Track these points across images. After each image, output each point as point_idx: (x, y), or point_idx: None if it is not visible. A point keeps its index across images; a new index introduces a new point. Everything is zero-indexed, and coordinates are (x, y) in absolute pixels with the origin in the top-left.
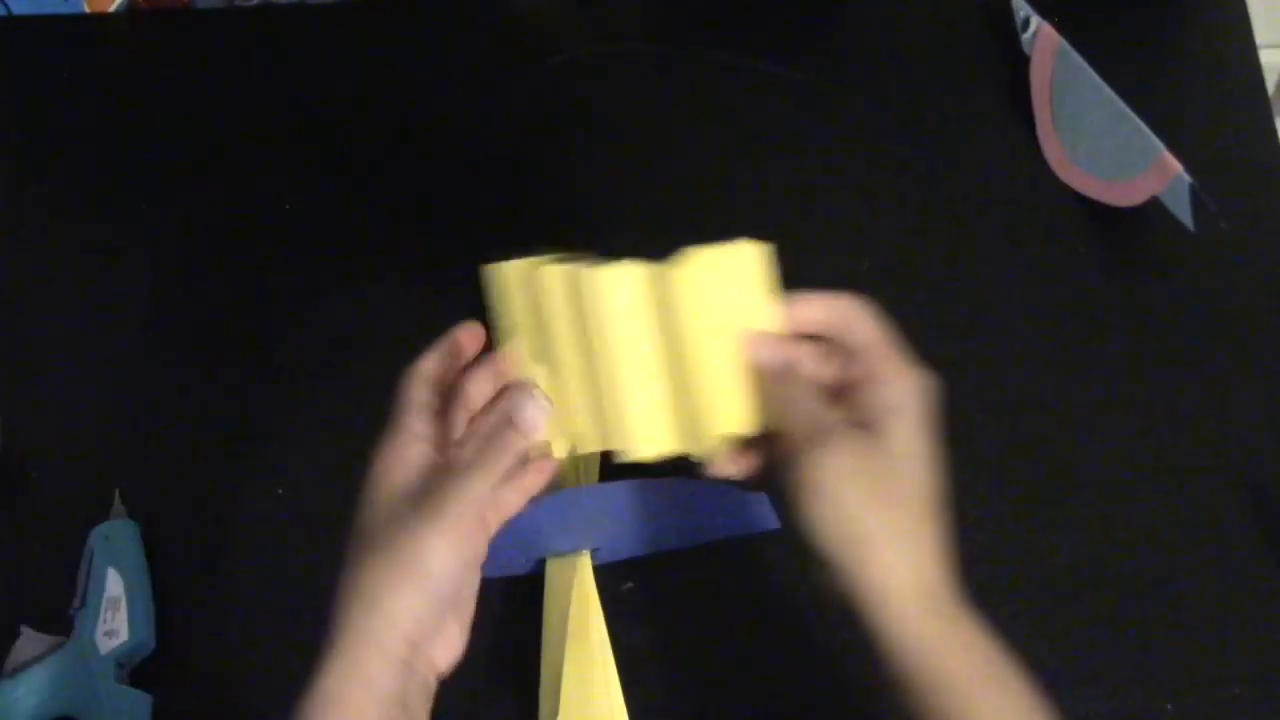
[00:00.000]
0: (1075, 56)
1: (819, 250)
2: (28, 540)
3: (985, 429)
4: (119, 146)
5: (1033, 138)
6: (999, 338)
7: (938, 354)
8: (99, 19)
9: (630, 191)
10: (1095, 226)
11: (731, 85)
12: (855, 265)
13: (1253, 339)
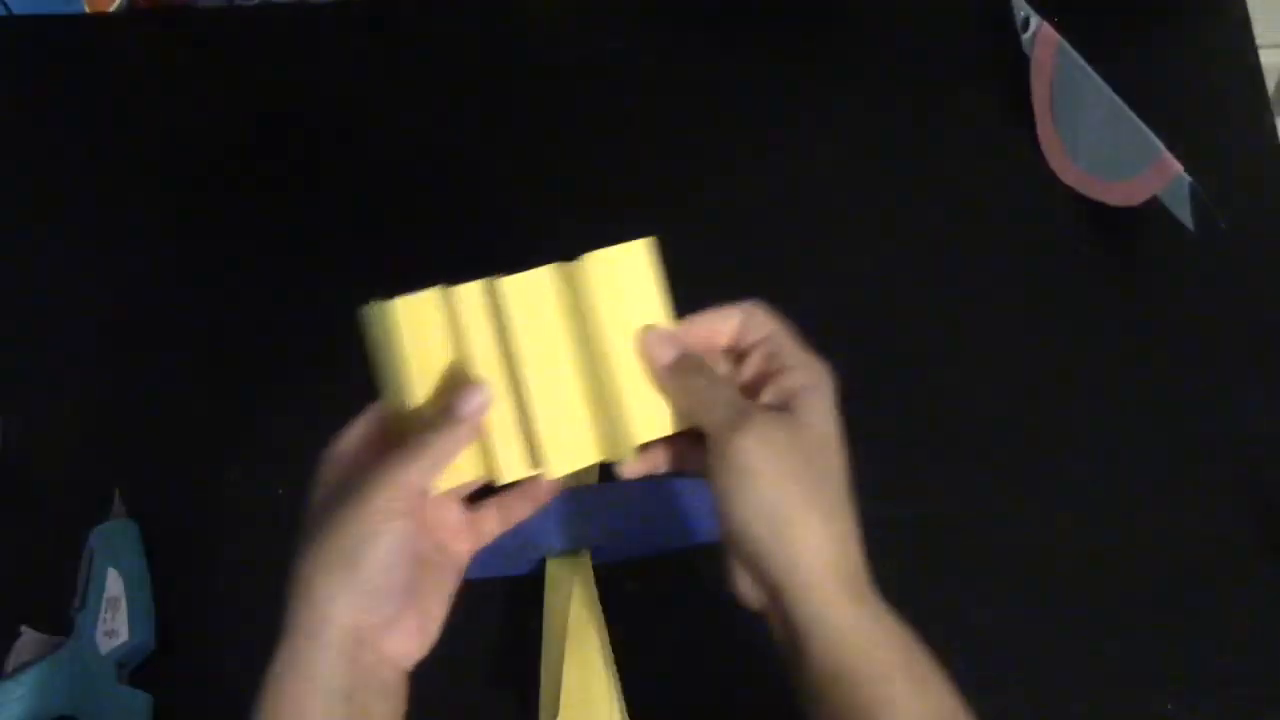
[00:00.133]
0: (1075, 56)
1: (819, 250)
2: (28, 540)
3: (985, 428)
4: (119, 146)
5: (1033, 138)
6: (999, 337)
7: (938, 353)
8: (99, 19)
9: (629, 191)
10: (1095, 226)
11: (731, 85)
12: (855, 265)
13: (1253, 339)
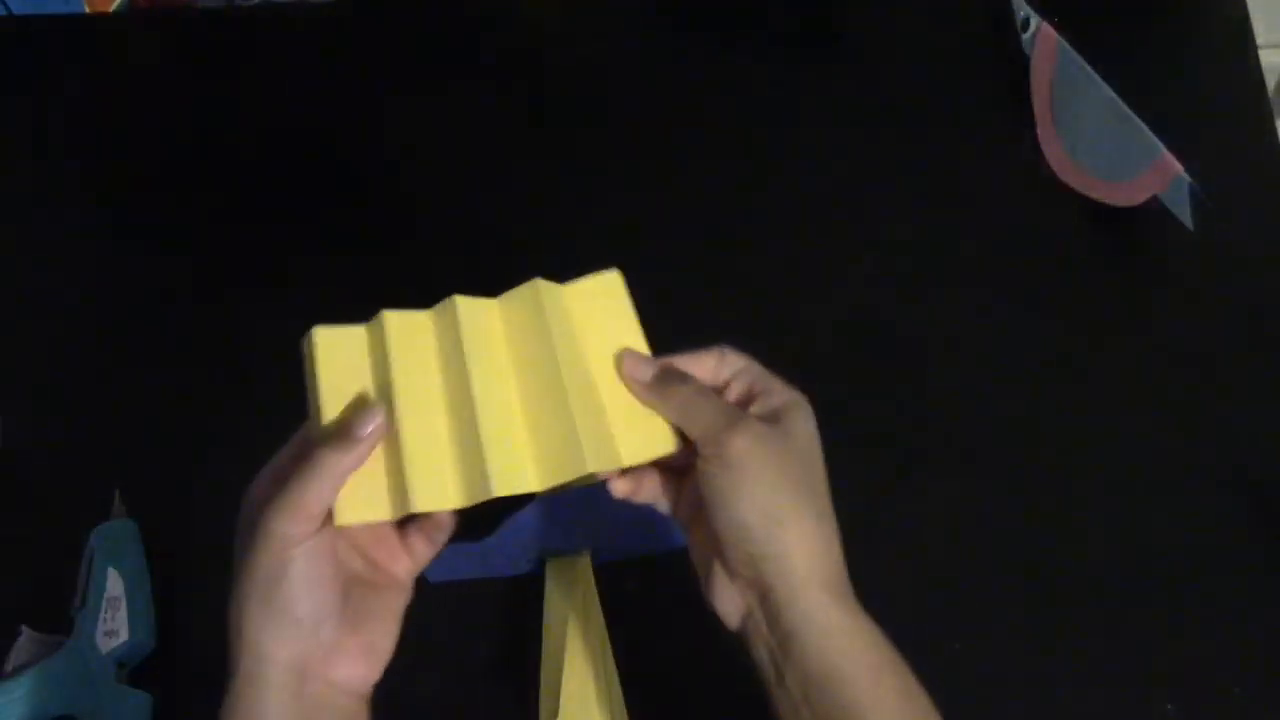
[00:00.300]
0: (1075, 56)
1: (818, 249)
2: (28, 540)
3: (984, 427)
4: (119, 146)
5: (1033, 138)
6: (998, 337)
7: (937, 353)
8: (99, 19)
9: (627, 192)
10: (1095, 226)
11: (731, 84)
12: (855, 265)
13: (1253, 339)
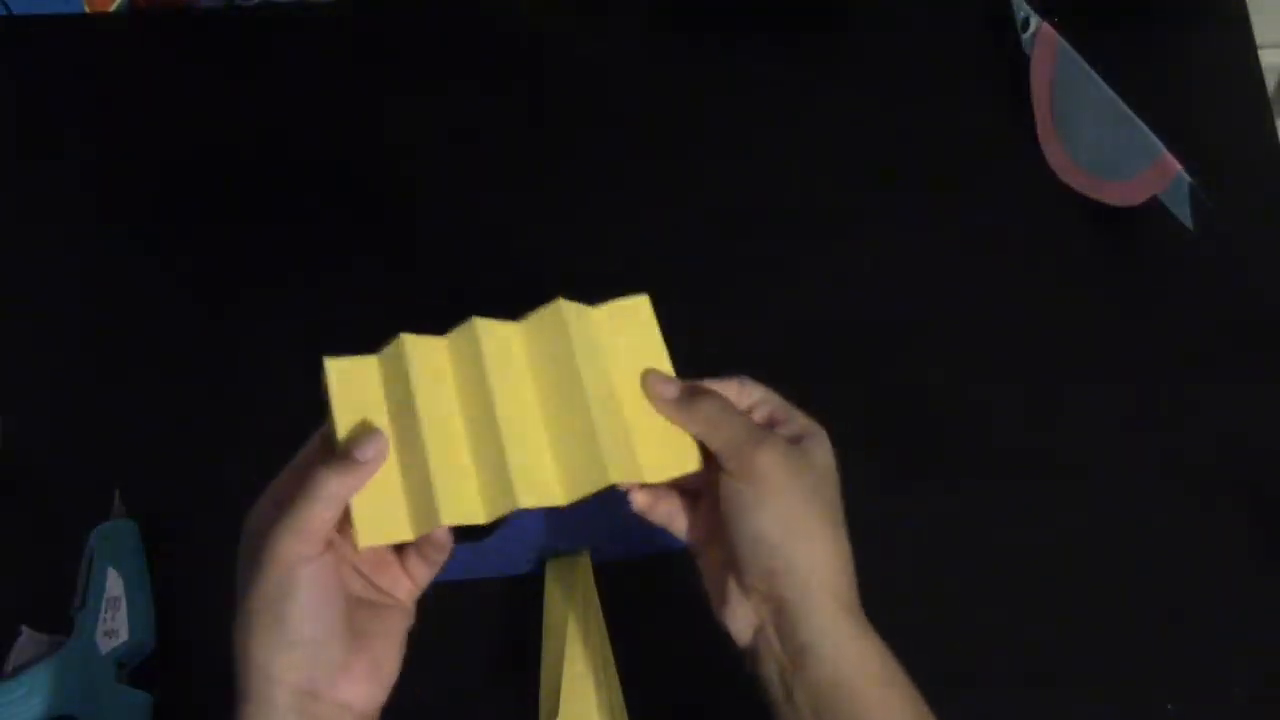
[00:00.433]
0: (1075, 56)
1: (817, 249)
2: (28, 540)
3: (983, 427)
4: (118, 146)
5: (1033, 138)
6: (998, 336)
7: (936, 352)
8: (99, 19)
9: (627, 191)
10: (1095, 226)
11: (731, 85)
12: (854, 264)
13: (1253, 339)
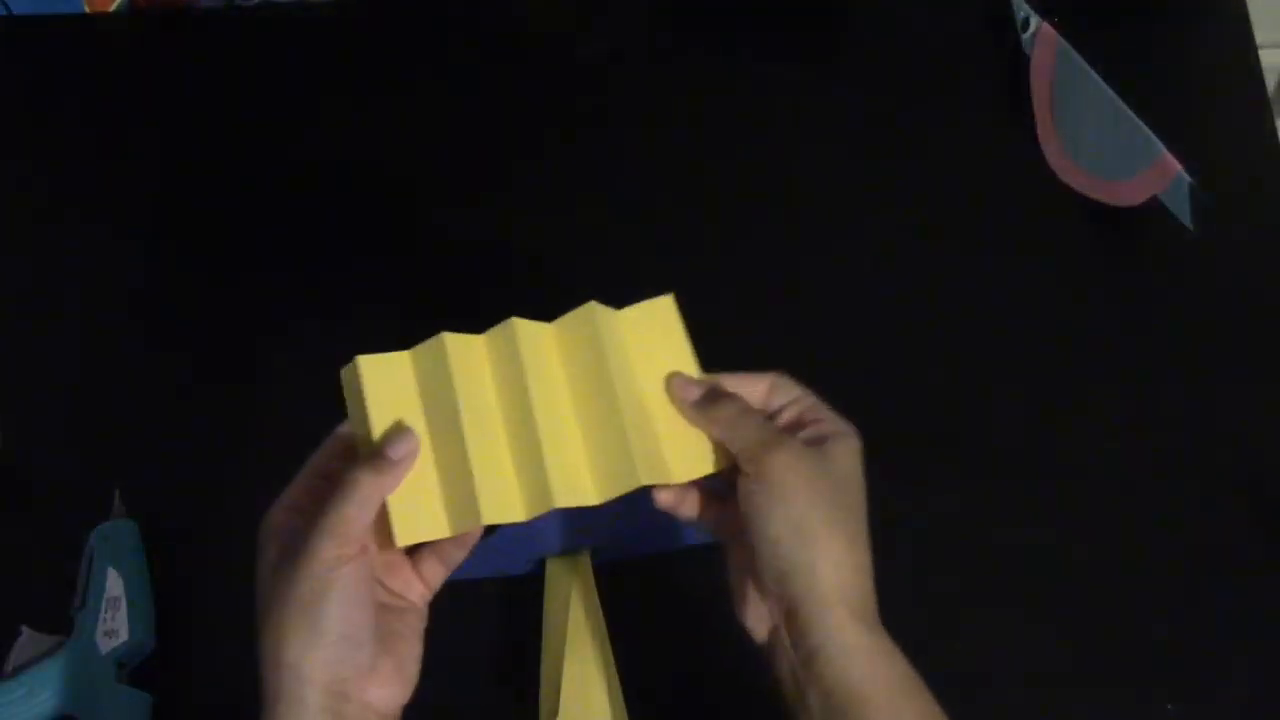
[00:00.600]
0: (1075, 56)
1: (817, 249)
2: (28, 540)
3: (983, 427)
4: (118, 146)
5: (1033, 138)
6: (998, 336)
7: (936, 352)
8: (99, 19)
9: (627, 192)
10: (1095, 226)
11: (731, 85)
12: (854, 264)
13: (1253, 339)
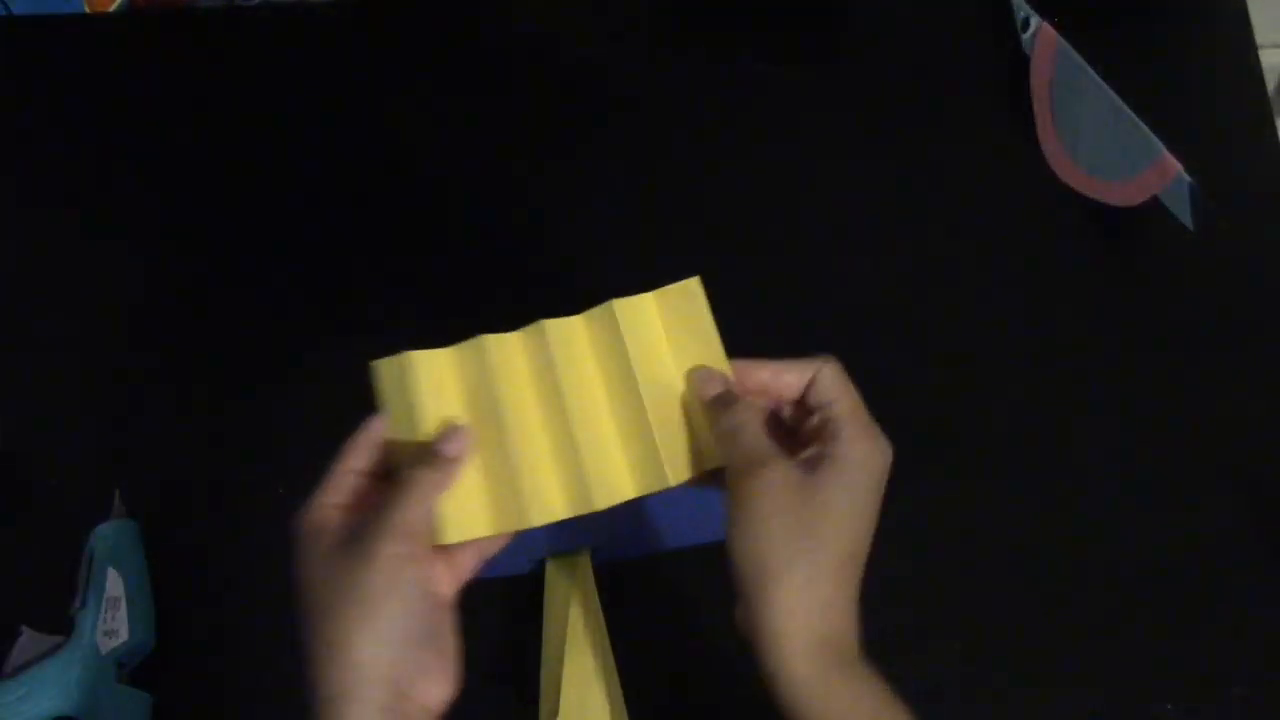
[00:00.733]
0: (1075, 56)
1: (817, 249)
2: (28, 540)
3: (983, 427)
4: (118, 146)
5: (1033, 138)
6: (998, 336)
7: (937, 352)
8: (99, 19)
9: (627, 192)
10: (1095, 226)
11: (731, 86)
12: (854, 264)
13: (1253, 339)
